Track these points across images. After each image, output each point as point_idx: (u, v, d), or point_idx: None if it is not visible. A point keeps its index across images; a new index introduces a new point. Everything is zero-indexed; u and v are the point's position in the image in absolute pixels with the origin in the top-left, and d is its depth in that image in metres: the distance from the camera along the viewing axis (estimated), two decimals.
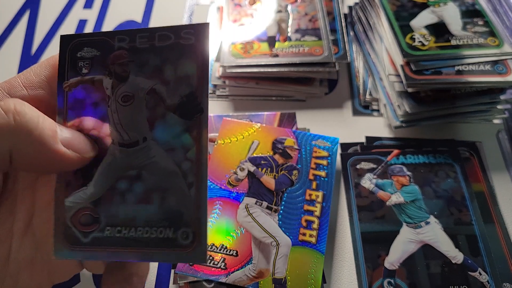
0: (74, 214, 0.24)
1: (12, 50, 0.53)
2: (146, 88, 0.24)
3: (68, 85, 0.25)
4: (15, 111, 0.21)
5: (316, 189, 0.39)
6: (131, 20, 0.57)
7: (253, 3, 0.52)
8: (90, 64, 0.25)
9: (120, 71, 0.25)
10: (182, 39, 0.24)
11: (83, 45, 0.25)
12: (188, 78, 0.24)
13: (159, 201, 0.23)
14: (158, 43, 0.24)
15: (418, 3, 0.46)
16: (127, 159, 0.24)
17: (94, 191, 0.24)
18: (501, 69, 0.41)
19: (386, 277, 0.36)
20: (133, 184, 0.24)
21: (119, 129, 0.24)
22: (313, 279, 0.34)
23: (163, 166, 0.24)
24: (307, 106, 0.47)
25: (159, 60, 0.24)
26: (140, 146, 0.24)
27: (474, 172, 0.42)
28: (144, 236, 0.23)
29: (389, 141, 0.44)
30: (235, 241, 0.36)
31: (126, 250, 0.23)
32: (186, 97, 0.24)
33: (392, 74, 0.42)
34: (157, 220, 0.23)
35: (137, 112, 0.24)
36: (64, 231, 0.24)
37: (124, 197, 0.24)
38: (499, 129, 0.45)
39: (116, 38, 0.25)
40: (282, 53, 0.46)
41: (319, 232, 0.37)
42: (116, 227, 0.24)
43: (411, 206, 0.39)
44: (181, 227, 0.23)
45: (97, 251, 0.23)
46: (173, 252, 0.23)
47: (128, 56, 0.25)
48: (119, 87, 0.24)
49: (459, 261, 0.36)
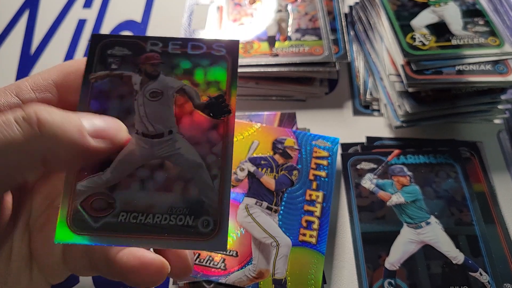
0: (86, 198, 0.24)
1: (11, 50, 0.53)
2: (175, 87, 0.26)
3: (95, 77, 0.26)
4: (38, 120, 0.21)
5: (316, 189, 0.39)
6: (130, 20, 0.56)
7: (253, 3, 0.52)
8: (120, 61, 0.27)
9: (151, 70, 0.26)
10: (214, 50, 0.27)
11: (115, 44, 0.27)
12: (218, 83, 0.26)
13: (180, 190, 0.24)
14: (191, 50, 0.27)
15: (418, 2, 0.46)
16: (150, 149, 0.25)
17: (110, 177, 0.24)
18: (501, 69, 0.41)
19: (386, 278, 0.36)
20: (155, 172, 0.24)
21: (144, 121, 0.25)
22: (313, 279, 0.34)
23: (187, 157, 0.24)
24: (307, 106, 0.47)
25: (190, 65, 0.26)
26: (165, 138, 0.25)
27: (475, 172, 0.42)
28: (162, 223, 0.23)
29: (390, 141, 0.44)
30: (235, 242, 0.36)
31: (140, 237, 0.23)
32: (215, 98, 0.25)
33: (393, 74, 0.42)
34: (177, 208, 0.23)
35: (165, 107, 0.25)
36: (71, 215, 0.24)
37: (143, 184, 0.24)
38: (499, 129, 0.45)
39: (149, 42, 0.27)
40: (282, 52, 0.46)
41: (319, 233, 0.36)
42: (131, 213, 0.23)
43: (412, 206, 0.39)
44: (202, 216, 0.23)
45: (106, 237, 0.23)
46: (192, 240, 0.23)
47: (160, 58, 0.26)
48: (148, 84, 0.26)
49: (459, 261, 0.36)
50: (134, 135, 0.25)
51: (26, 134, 0.21)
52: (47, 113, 0.22)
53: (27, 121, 0.21)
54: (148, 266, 0.24)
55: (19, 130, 0.21)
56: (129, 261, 0.24)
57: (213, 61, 0.26)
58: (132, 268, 0.24)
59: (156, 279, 0.24)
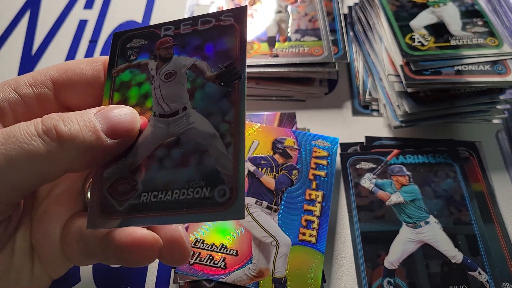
0: (111, 184, 0.25)
1: (12, 50, 0.54)
2: (187, 65, 0.27)
3: (117, 71, 0.28)
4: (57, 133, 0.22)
5: (316, 189, 0.39)
6: (131, 20, 0.57)
7: (253, 4, 0.52)
8: (137, 51, 0.28)
9: (165, 54, 0.27)
10: (222, 21, 0.27)
11: (133, 37, 0.29)
12: (228, 52, 0.26)
13: (196, 163, 0.24)
14: (201, 27, 0.27)
15: (417, 3, 0.46)
16: (167, 128, 0.25)
17: (133, 160, 0.25)
18: (500, 69, 0.41)
19: (385, 277, 0.36)
20: (171, 150, 0.25)
21: (160, 102, 0.26)
22: (313, 278, 0.34)
23: (201, 130, 0.25)
24: (307, 106, 0.47)
25: (200, 40, 0.27)
26: (180, 115, 0.26)
27: (474, 172, 0.42)
28: (180, 198, 0.23)
29: (389, 141, 0.44)
30: (235, 241, 0.36)
31: (160, 214, 0.23)
32: (226, 67, 0.26)
33: (392, 74, 0.43)
34: (193, 181, 0.23)
35: (179, 86, 0.26)
36: (100, 202, 0.24)
37: (162, 163, 0.25)
38: (498, 129, 0.45)
39: (162, 28, 0.28)
40: (282, 53, 0.46)
41: (319, 232, 0.37)
42: (152, 192, 0.24)
43: (411, 206, 0.39)
44: (218, 185, 0.23)
45: (131, 218, 0.24)
46: (210, 211, 0.23)
47: (172, 41, 0.27)
48: (163, 66, 0.27)
49: (458, 260, 0.36)
50: (152, 118, 0.26)
51: (48, 147, 0.22)
52: (64, 124, 0.22)
53: (47, 134, 0.22)
54: (141, 242, 0.24)
55: (42, 143, 0.22)
56: (121, 239, 0.24)
57: (222, 31, 0.27)
58: (126, 245, 0.24)
59: (149, 255, 0.24)
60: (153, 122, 0.26)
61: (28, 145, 0.21)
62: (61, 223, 0.26)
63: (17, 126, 0.22)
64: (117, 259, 0.25)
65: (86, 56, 0.53)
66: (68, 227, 0.26)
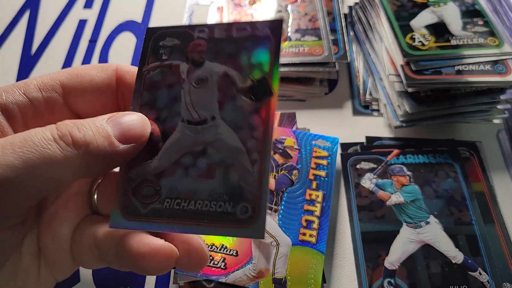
0: (136, 185, 0.25)
1: (12, 50, 0.53)
2: (219, 72, 0.26)
3: (148, 69, 0.27)
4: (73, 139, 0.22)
5: (316, 189, 0.39)
6: (131, 20, 0.57)
7: (253, 3, 0.52)
8: (170, 51, 0.27)
9: (197, 58, 0.27)
10: (258, 31, 0.27)
11: (165, 35, 0.28)
12: (261, 65, 0.26)
13: (221, 176, 0.24)
14: (236, 34, 0.27)
15: (418, 3, 0.46)
16: (195, 136, 0.25)
17: (158, 164, 0.25)
18: (501, 69, 0.41)
19: (386, 277, 0.36)
20: (198, 159, 0.25)
21: (189, 108, 0.26)
22: (313, 278, 0.34)
23: (228, 143, 0.24)
24: (307, 106, 0.47)
25: (234, 49, 0.26)
26: (208, 124, 0.25)
27: (474, 172, 0.42)
28: (203, 209, 0.23)
29: (389, 141, 0.44)
30: (235, 241, 0.36)
31: (182, 222, 0.23)
32: (258, 81, 0.25)
33: (392, 74, 0.42)
34: (217, 194, 0.23)
35: (209, 93, 0.26)
36: (123, 202, 0.24)
37: (187, 171, 0.24)
38: (499, 129, 0.45)
39: (196, 30, 0.27)
40: (282, 53, 0.46)
41: (319, 232, 0.37)
42: (175, 200, 0.24)
43: (411, 206, 0.39)
44: (241, 202, 0.23)
45: (152, 222, 0.24)
46: (230, 226, 0.23)
47: (206, 44, 0.27)
48: (195, 71, 0.26)
49: (459, 261, 0.36)
50: (180, 123, 0.25)
51: (65, 152, 0.22)
52: (79, 131, 0.23)
53: (63, 139, 0.22)
54: (158, 252, 0.24)
55: (59, 148, 0.22)
56: (139, 248, 0.24)
57: (257, 42, 0.26)
58: (143, 255, 0.24)
59: (165, 265, 0.25)
60: (181, 128, 0.25)
61: (45, 149, 0.22)
62: (71, 227, 0.27)
63: (33, 131, 0.22)
64: (132, 267, 0.25)
65: (86, 56, 0.53)
66: (80, 232, 0.26)
